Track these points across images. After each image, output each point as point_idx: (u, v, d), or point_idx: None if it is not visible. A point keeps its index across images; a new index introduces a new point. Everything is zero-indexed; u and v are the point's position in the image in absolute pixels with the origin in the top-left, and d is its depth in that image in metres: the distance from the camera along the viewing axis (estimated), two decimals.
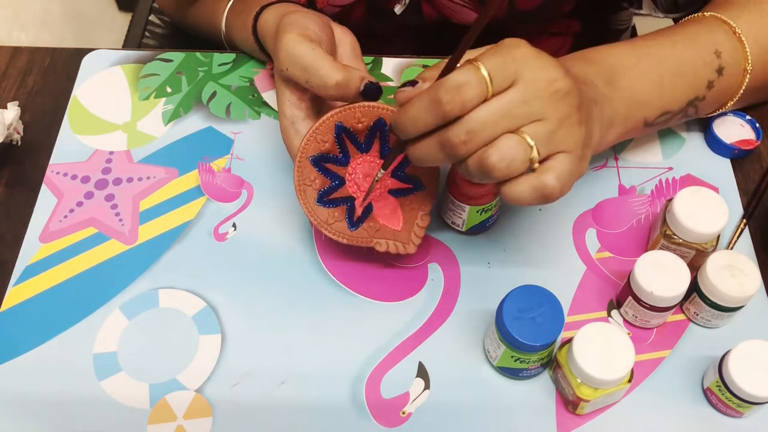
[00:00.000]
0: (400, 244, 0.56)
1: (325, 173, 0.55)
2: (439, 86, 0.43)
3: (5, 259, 0.62)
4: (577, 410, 0.53)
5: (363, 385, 0.55)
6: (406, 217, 0.56)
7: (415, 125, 0.44)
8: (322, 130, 0.54)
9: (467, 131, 0.43)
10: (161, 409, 0.55)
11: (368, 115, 0.53)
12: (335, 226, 0.56)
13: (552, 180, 0.44)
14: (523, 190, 0.44)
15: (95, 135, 0.69)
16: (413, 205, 0.56)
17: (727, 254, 0.55)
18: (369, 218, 0.56)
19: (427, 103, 0.43)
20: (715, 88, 0.59)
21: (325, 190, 0.56)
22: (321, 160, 0.55)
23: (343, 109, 0.53)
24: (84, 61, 0.73)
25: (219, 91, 0.71)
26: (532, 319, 0.51)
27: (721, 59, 0.58)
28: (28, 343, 0.58)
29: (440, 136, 0.44)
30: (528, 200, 0.45)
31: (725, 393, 0.52)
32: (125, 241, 0.62)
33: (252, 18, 0.63)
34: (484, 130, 0.43)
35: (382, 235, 0.56)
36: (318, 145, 0.54)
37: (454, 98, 0.42)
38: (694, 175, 0.66)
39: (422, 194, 0.56)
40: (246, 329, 0.58)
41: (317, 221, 0.55)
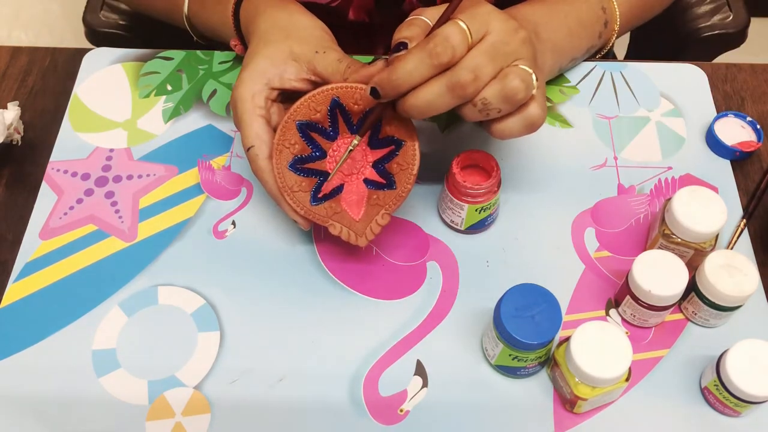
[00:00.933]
0: (353, 234, 0.56)
1: (308, 141, 0.56)
2: (430, 39, 0.48)
3: (5, 259, 0.62)
4: (575, 409, 0.53)
5: (361, 383, 0.56)
6: (368, 210, 0.56)
7: (411, 77, 0.49)
8: (317, 99, 0.54)
9: (472, 69, 0.48)
10: (160, 406, 0.55)
11: (366, 98, 0.54)
12: (298, 195, 0.55)
13: (537, 110, 0.51)
14: (514, 123, 0.51)
15: (96, 132, 0.69)
16: (379, 201, 0.56)
17: (725, 254, 0.55)
18: (332, 199, 0.56)
19: (422, 54, 0.48)
20: (601, 38, 0.69)
21: (303, 158, 0.56)
22: (308, 128, 0.55)
23: (344, 85, 0.54)
24: (85, 58, 0.74)
25: (219, 89, 0.71)
26: (530, 317, 0.51)
27: (606, 14, 0.68)
28: (28, 340, 0.58)
29: (448, 79, 0.48)
30: (519, 132, 0.52)
31: (723, 392, 0.52)
32: (125, 239, 0.62)
33: (231, 8, 0.64)
34: (486, 68, 0.48)
35: (340, 219, 0.56)
36: (309, 112, 0.54)
37: (446, 47, 0.47)
38: (694, 174, 0.66)
39: (392, 193, 0.56)
40: (245, 327, 0.58)
41: (282, 184, 0.55)
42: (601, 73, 0.72)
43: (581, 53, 0.68)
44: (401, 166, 0.56)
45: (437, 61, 0.48)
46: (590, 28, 0.67)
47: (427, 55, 0.48)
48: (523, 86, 0.49)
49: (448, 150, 0.67)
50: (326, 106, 0.54)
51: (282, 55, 0.57)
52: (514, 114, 0.51)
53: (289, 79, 0.56)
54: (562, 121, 0.69)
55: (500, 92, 0.49)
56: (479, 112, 0.50)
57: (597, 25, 0.68)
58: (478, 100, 0.49)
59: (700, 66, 0.73)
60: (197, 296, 0.60)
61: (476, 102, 0.50)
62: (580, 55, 0.69)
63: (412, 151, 0.55)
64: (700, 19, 0.86)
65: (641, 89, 0.71)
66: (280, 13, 0.59)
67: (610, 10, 0.69)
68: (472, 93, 0.49)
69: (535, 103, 0.51)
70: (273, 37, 0.58)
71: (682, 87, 0.71)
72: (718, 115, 0.68)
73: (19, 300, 0.60)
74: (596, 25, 0.68)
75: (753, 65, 0.73)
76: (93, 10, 0.87)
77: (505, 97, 0.49)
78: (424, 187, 0.65)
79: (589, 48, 0.68)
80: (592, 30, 0.67)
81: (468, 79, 0.48)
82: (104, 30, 0.86)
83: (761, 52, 1.64)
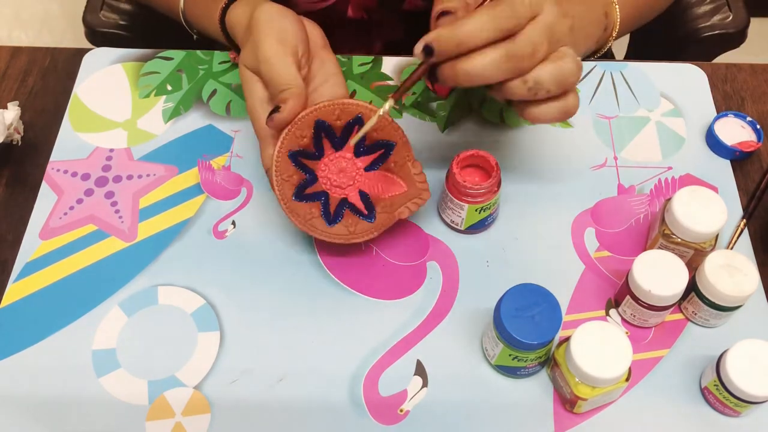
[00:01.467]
0: (415, 199, 0.57)
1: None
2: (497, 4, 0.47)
3: (5, 259, 0.62)
4: (575, 409, 0.53)
5: (361, 383, 0.56)
6: (401, 174, 0.56)
7: (476, 37, 0.47)
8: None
9: (533, 43, 0.48)
10: (160, 406, 0.55)
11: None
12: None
13: (575, 99, 0.51)
14: (552, 109, 0.51)
15: (96, 132, 0.69)
16: (398, 162, 0.56)
17: (725, 254, 0.55)
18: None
19: (490, 16, 0.47)
20: (597, 43, 0.68)
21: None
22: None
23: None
24: (85, 58, 0.74)
25: (219, 89, 0.71)
26: (530, 317, 0.51)
27: (607, 20, 0.67)
28: (28, 340, 0.58)
29: (507, 48, 0.47)
30: (555, 117, 0.51)
31: (723, 392, 0.52)
32: (125, 239, 0.62)
33: (219, 10, 0.63)
34: (543, 45, 0.48)
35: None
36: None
37: (513, 15, 0.47)
38: (694, 174, 0.66)
39: (399, 149, 0.56)
40: (244, 327, 0.58)
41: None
42: (601, 73, 0.72)
43: (579, 55, 0.68)
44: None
45: (504, 26, 0.47)
46: (590, 30, 0.66)
47: (494, 17, 0.47)
48: (577, 72, 0.50)
49: (448, 150, 0.67)
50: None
51: None
52: (555, 99, 0.51)
53: None
54: (562, 121, 0.69)
55: (556, 73, 0.49)
56: (528, 90, 0.49)
57: (597, 30, 0.67)
58: (530, 77, 0.49)
59: (700, 66, 0.73)
60: (197, 296, 0.60)
61: (528, 79, 0.49)
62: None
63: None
64: (700, 19, 0.86)
65: (641, 89, 0.71)
66: None
67: (611, 16, 0.68)
68: (527, 67, 0.48)
69: (574, 92, 0.51)
70: None
71: (682, 87, 0.71)
72: (718, 115, 0.68)
73: (19, 300, 0.60)
74: (597, 30, 0.67)
75: (753, 65, 0.73)
76: (93, 10, 0.87)
77: (559, 78, 0.49)
78: None
79: (585, 51, 0.68)
80: (589, 33, 0.66)
81: (527, 51, 0.48)
82: (104, 30, 0.86)
83: (761, 52, 1.64)
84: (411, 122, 0.69)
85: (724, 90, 0.72)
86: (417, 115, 0.70)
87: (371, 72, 0.72)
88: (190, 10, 0.70)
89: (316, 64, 0.59)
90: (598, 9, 0.66)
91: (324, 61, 0.59)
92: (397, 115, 0.70)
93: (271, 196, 0.64)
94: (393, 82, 0.72)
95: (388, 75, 0.72)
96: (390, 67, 0.73)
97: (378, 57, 0.73)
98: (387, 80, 0.72)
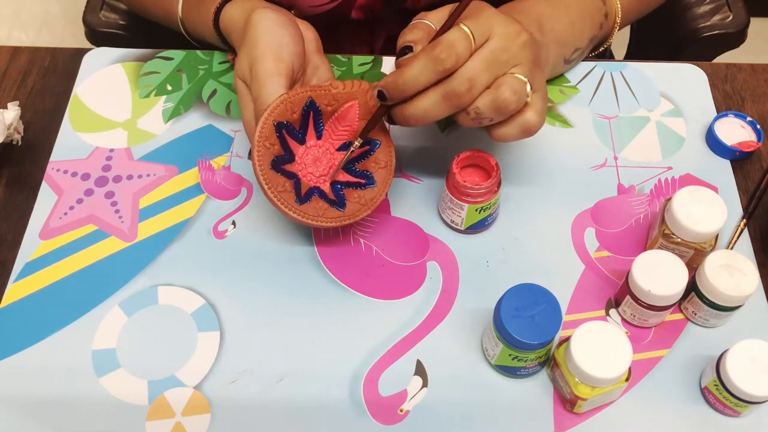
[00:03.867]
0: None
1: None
2: (435, 45, 0.49)
3: (5, 259, 0.62)
4: (575, 409, 0.53)
5: (361, 383, 0.56)
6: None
7: (416, 82, 0.50)
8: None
9: (468, 79, 0.49)
10: (160, 406, 0.55)
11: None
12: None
13: (534, 116, 0.53)
14: (511, 129, 0.53)
15: (96, 132, 0.69)
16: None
17: (725, 254, 0.55)
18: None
19: (427, 61, 0.49)
20: (603, 29, 0.70)
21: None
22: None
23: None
24: (85, 58, 0.74)
25: (219, 89, 0.71)
26: (530, 317, 0.51)
27: (606, 6, 0.69)
28: (28, 340, 0.58)
29: (444, 88, 0.50)
30: (516, 137, 0.53)
31: (723, 392, 0.52)
32: (125, 239, 0.62)
33: (212, 13, 0.63)
34: (482, 77, 0.50)
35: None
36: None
37: (450, 54, 0.49)
38: (694, 174, 0.66)
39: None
40: (245, 327, 0.58)
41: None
42: (601, 73, 0.72)
43: (585, 43, 0.68)
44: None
45: (441, 67, 0.49)
46: (591, 19, 0.68)
47: (432, 60, 0.49)
48: (515, 98, 0.50)
49: (448, 150, 0.67)
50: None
51: None
52: (510, 121, 0.53)
53: None
54: (562, 121, 0.69)
55: (492, 103, 0.51)
56: (472, 120, 0.52)
57: (598, 16, 0.68)
58: (471, 109, 0.51)
59: (700, 66, 0.73)
60: (197, 296, 0.60)
61: (469, 111, 0.51)
62: (584, 46, 0.69)
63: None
64: (700, 19, 0.86)
65: (641, 89, 0.71)
66: None
67: (610, 2, 0.70)
68: (466, 102, 0.50)
69: (531, 109, 0.52)
70: None
71: (682, 87, 0.71)
72: (718, 115, 0.68)
73: (19, 300, 0.60)
74: (597, 16, 0.68)
75: (753, 65, 0.73)
76: (93, 10, 0.87)
77: (497, 108, 0.51)
78: (424, 187, 0.65)
79: (591, 38, 0.69)
80: (593, 21, 0.68)
81: (463, 89, 0.50)
82: (104, 30, 0.86)
83: (761, 52, 1.65)
84: None
85: (724, 90, 0.72)
86: None
87: (371, 72, 0.72)
88: (187, 16, 0.70)
89: (310, 69, 0.60)
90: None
91: (317, 66, 0.60)
92: None
93: None
94: None
95: None
96: (390, 67, 0.73)
97: (378, 57, 0.73)
98: None
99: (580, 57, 0.70)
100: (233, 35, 0.62)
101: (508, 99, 0.50)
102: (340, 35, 0.78)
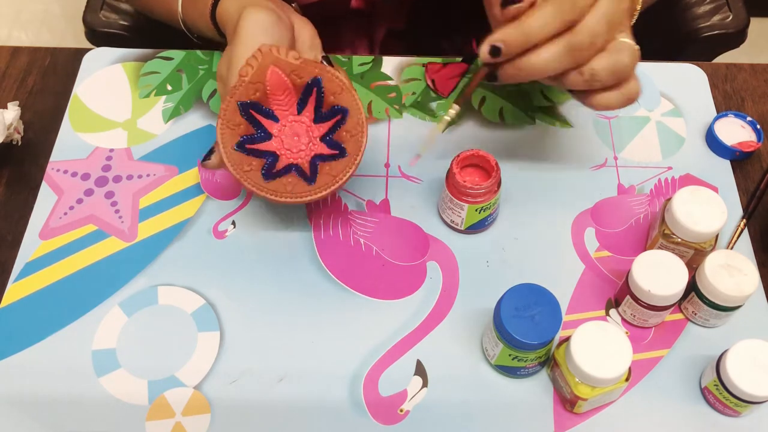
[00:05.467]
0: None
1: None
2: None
3: (5, 259, 0.62)
4: (575, 409, 0.53)
5: (361, 383, 0.56)
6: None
7: (542, 31, 0.48)
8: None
9: (591, 35, 0.48)
10: (160, 406, 0.55)
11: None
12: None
13: (637, 85, 0.52)
14: (617, 96, 0.52)
15: (96, 132, 0.69)
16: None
17: (725, 254, 0.55)
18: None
19: (554, 10, 0.48)
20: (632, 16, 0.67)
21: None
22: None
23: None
24: (85, 58, 0.74)
25: None
26: (530, 317, 0.51)
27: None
28: (28, 340, 0.58)
29: (569, 40, 0.49)
30: (620, 104, 0.52)
31: (723, 392, 0.52)
32: (125, 239, 0.62)
33: (209, 7, 0.63)
34: (602, 35, 0.49)
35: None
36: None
37: (574, 6, 0.48)
38: (694, 174, 0.66)
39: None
40: (244, 327, 0.58)
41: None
42: None
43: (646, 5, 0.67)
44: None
45: (568, 17, 0.48)
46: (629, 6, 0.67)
47: (558, 11, 0.48)
48: (633, 65, 0.50)
49: (448, 150, 0.67)
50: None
51: None
52: (616, 87, 0.52)
53: None
54: (562, 121, 0.69)
55: (612, 66, 0.50)
56: (584, 81, 0.51)
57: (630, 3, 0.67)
58: (586, 69, 0.50)
59: (700, 66, 0.73)
60: (197, 296, 0.60)
61: (584, 71, 0.50)
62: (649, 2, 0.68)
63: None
64: (700, 19, 0.86)
65: (641, 89, 0.71)
66: None
67: None
68: (586, 58, 0.50)
69: (634, 78, 0.52)
70: None
71: (682, 87, 0.71)
72: (718, 115, 0.68)
73: (19, 300, 0.60)
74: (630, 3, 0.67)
75: (753, 65, 0.73)
76: (93, 10, 0.87)
77: (615, 72, 0.50)
78: (424, 187, 0.65)
79: None
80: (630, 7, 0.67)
81: (587, 43, 0.49)
82: (104, 30, 0.86)
83: (761, 52, 1.65)
84: (411, 122, 0.69)
85: (724, 90, 0.72)
86: (417, 115, 0.70)
87: (371, 72, 0.72)
88: (187, 12, 0.70)
89: None
90: None
91: None
92: (397, 115, 0.70)
93: None
94: (393, 82, 0.72)
95: (388, 75, 0.72)
96: (390, 67, 0.73)
97: (378, 57, 0.73)
98: (387, 80, 0.72)
99: None
100: (227, 30, 0.61)
101: (628, 65, 0.50)
102: (340, 28, 0.77)
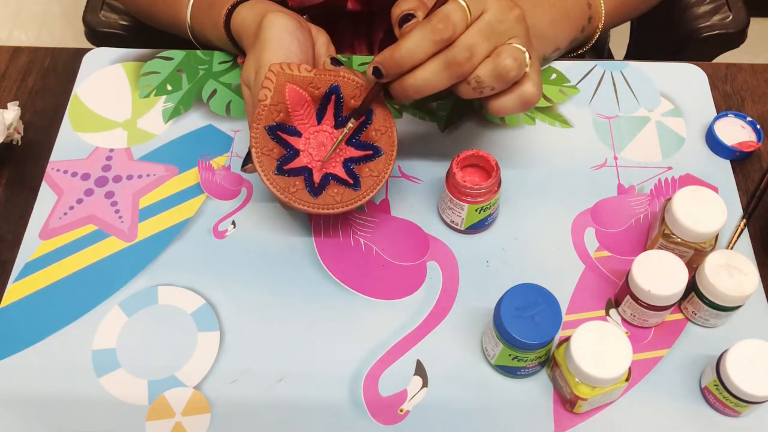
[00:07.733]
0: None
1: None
2: (432, 17, 0.49)
3: (5, 259, 0.62)
4: (575, 409, 0.53)
5: (361, 383, 0.56)
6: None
7: (414, 55, 0.50)
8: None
9: (468, 47, 0.49)
10: (160, 406, 0.55)
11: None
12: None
13: (532, 88, 0.52)
14: (510, 100, 0.53)
15: (96, 132, 0.69)
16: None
17: (725, 254, 0.55)
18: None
19: (425, 31, 0.49)
20: (584, 32, 0.71)
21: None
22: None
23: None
24: (85, 58, 0.74)
25: (219, 89, 0.71)
26: (530, 317, 0.51)
27: (591, 10, 0.70)
28: (28, 340, 0.58)
29: (445, 57, 0.50)
30: (515, 109, 0.53)
31: (723, 392, 0.52)
32: (125, 238, 0.62)
33: (223, 15, 0.63)
34: (481, 45, 0.50)
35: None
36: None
37: (447, 24, 0.49)
38: (694, 174, 0.66)
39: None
40: (244, 327, 0.58)
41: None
42: (601, 73, 0.72)
43: (564, 44, 0.69)
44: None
45: (439, 37, 0.49)
46: (574, 21, 0.68)
47: (430, 32, 0.49)
48: (515, 65, 0.50)
49: (448, 150, 0.67)
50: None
51: None
52: (509, 92, 0.53)
53: None
54: (562, 121, 0.69)
55: (493, 71, 0.50)
56: (473, 89, 0.52)
57: (581, 20, 0.69)
58: (472, 78, 0.51)
59: (700, 66, 0.73)
60: (197, 296, 0.60)
61: (470, 80, 0.51)
62: (563, 46, 0.69)
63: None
64: (700, 19, 0.86)
65: (641, 89, 0.71)
66: None
67: (595, 6, 0.70)
68: (467, 71, 0.50)
69: (530, 81, 0.52)
70: None
71: (682, 87, 0.71)
72: (718, 115, 0.68)
73: (19, 300, 0.60)
74: (580, 20, 0.69)
75: (753, 65, 0.73)
76: (93, 10, 0.87)
77: (498, 75, 0.51)
78: (424, 187, 0.65)
79: (572, 40, 0.69)
80: (575, 23, 0.69)
81: (464, 57, 0.50)
82: (104, 30, 0.86)
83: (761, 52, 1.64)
84: (411, 122, 0.69)
85: (724, 90, 0.72)
86: (417, 115, 0.70)
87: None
88: (196, 20, 0.70)
89: None
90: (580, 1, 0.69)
91: None
92: (397, 115, 0.70)
93: (270, 196, 0.64)
94: None
95: None
96: None
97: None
98: None
99: (557, 56, 0.71)
100: (244, 38, 0.62)
101: (509, 66, 0.50)
102: (339, 30, 0.78)
